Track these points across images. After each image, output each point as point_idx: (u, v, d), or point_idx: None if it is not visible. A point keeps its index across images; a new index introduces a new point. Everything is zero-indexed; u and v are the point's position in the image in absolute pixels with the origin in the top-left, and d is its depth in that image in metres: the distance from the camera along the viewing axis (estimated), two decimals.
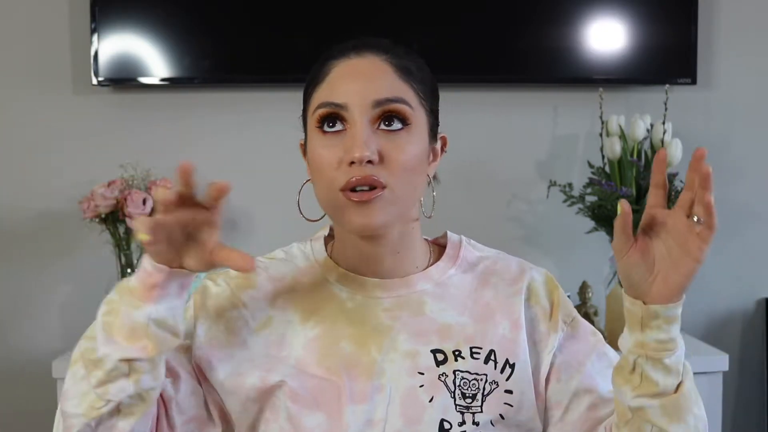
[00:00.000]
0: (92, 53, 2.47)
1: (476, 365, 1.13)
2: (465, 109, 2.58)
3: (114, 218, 2.37)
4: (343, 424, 1.10)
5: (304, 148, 1.19)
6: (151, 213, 2.36)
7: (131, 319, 1.06)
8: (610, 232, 2.44)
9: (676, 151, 2.40)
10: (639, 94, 2.60)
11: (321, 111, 1.11)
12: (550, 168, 2.60)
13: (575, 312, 1.21)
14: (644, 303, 1.03)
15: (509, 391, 1.13)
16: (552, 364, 1.16)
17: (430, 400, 1.11)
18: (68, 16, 2.54)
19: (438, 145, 1.20)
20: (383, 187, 1.08)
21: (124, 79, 2.51)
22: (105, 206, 2.34)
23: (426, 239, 1.24)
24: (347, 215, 1.09)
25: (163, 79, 2.50)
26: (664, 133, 2.40)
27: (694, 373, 1.07)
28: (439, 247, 1.24)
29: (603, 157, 2.45)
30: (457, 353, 1.13)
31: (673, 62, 2.55)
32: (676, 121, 2.45)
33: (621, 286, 2.45)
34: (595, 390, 1.15)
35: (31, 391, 2.55)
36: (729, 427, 2.60)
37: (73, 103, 2.56)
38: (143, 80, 2.50)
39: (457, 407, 1.11)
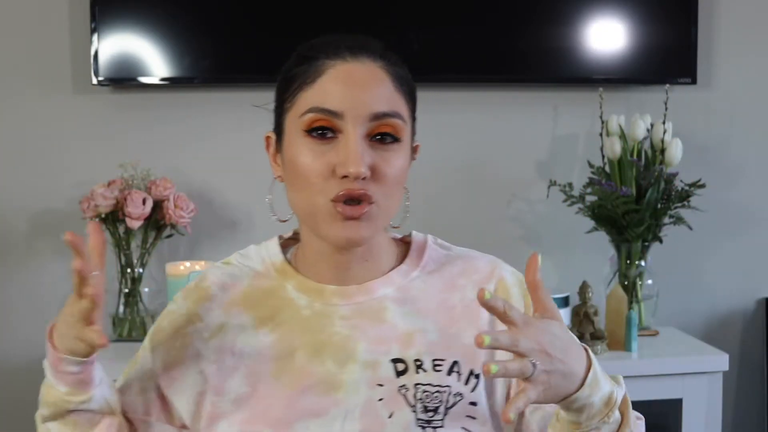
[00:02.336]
0: (92, 53, 2.47)
1: (439, 377, 1.09)
2: (465, 109, 2.58)
3: (114, 218, 2.37)
4: None
5: (272, 143, 1.16)
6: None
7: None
8: (610, 232, 2.44)
9: (676, 151, 2.40)
10: (639, 94, 2.60)
11: (312, 116, 1.07)
12: (550, 168, 2.60)
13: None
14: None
15: (474, 403, 1.09)
16: None
17: (390, 416, 1.06)
18: (68, 16, 2.54)
19: (412, 153, 1.18)
20: (371, 203, 1.06)
21: (124, 78, 2.51)
22: (105, 206, 2.34)
23: (393, 238, 1.21)
24: (332, 227, 1.07)
25: (163, 79, 2.50)
26: (664, 133, 2.40)
27: (694, 373, 1.07)
28: (405, 247, 1.20)
29: (603, 157, 2.45)
30: (418, 364, 1.09)
31: (673, 62, 2.55)
32: (676, 121, 2.45)
33: (621, 286, 2.46)
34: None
35: (30, 391, 2.54)
36: (729, 427, 2.60)
37: (73, 103, 2.56)
38: (143, 80, 2.50)
39: (418, 422, 1.06)
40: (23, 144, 2.57)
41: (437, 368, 1.09)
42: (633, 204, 2.36)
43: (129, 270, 2.41)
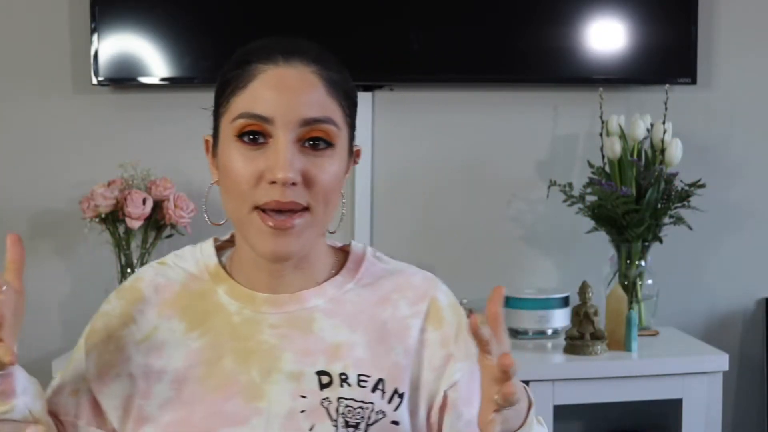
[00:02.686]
0: (92, 53, 2.47)
1: (363, 393, 1.07)
2: (465, 109, 2.58)
3: (114, 218, 2.37)
4: None
5: (210, 147, 1.16)
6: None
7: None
8: (610, 232, 2.44)
9: (676, 151, 2.40)
10: (639, 94, 2.60)
11: (242, 122, 1.06)
12: (550, 168, 2.60)
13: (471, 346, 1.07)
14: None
15: (396, 422, 1.07)
16: (447, 396, 1.09)
17: (311, 428, 1.05)
18: (68, 16, 2.54)
19: (351, 159, 1.15)
20: (304, 210, 1.05)
21: (124, 79, 2.51)
22: (105, 206, 2.34)
23: (332, 246, 1.18)
24: (260, 239, 1.05)
25: (163, 79, 2.50)
26: (664, 133, 2.40)
27: (694, 373, 1.07)
28: (344, 257, 1.17)
29: (603, 157, 2.45)
30: (343, 378, 1.07)
31: (673, 62, 2.55)
32: (676, 121, 2.45)
33: (621, 286, 2.46)
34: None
35: None
36: (729, 427, 2.60)
37: (73, 103, 2.56)
38: (143, 80, 2.50)
39: (334, 425, 1.05)
40: (23, 144, 2.57)
41: (362, 384, 1.08)
42: (633, 204, 2.36)
43: (129, 270, 2.41)
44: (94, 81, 2.48)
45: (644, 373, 2.24)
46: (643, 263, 2.44)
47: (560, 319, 2.39)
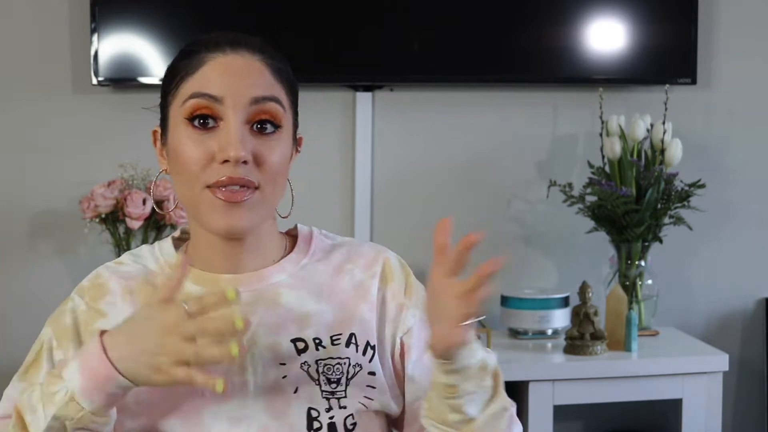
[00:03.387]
0: (92, 53, 2.47)
1: (338, 350, 1.13)
2: (465, 109, 2.58)
3: (114, 218, 2.37)
4: (203, 425, 1.08)
5: (158, 136, 1.17)
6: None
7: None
8: (610, 232, 2.44)
9: (676, 151, 2.40)
10: (639, 94, 2.60)
11: (194, 102, 1.08)
12: (550, 168, 2.60)
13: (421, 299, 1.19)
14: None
15: (372, 373, 1.14)
16: (403, 342, 1.17)
17: (295, 391, 1.10)
18: (68, 16, 2.54)
19: (295, 146, 1.19)
20: (255, 188, 1.08)
21: (124, 79, 2.51)
22: (105, 206, 2.34)
23: (281, 232, 1.22)
24: (213, 215, 1.08)
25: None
26: (664, 133, 2.40)
27: (694, 374, 1.08)
28: (293, 239, 1.22)
29: (603, 157, 2.45)
30: (317, 342, 1.12)
31: (673, 62, 2.55)
32: (676, 121, 2.45)
33: (621, 286, 2.46)
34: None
35: None
36: (729, 427, 2.60)
37: (73, 103, 2.56)
38: (143, 80, 2.50)
39: (323, 393, 1.11)
40: (23, 144, 2.57)
41: (335, 342, 1.13)
42: (633, 204, 2.36)
43: None
44: (94, 81, 2.48)
45: (644, 373, 2.24)
46: (643, 263, 2.44)
47: (560, 319, 2.39)
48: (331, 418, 1.09)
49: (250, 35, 1.15)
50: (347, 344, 1.13)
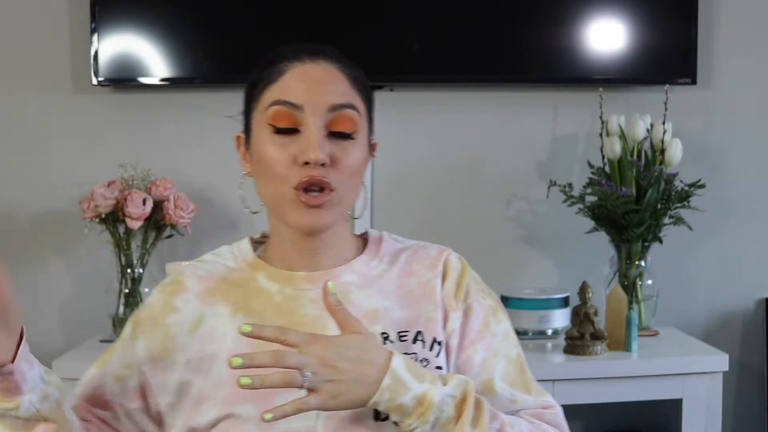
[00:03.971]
0: (92, 53, 2.47)
1: (405, 346, 1.17)
2: (465, 109, 2.58)
3: (114, 218, 2.37)
4: None
5: (241, 141, 1.27)
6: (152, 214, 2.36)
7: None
8: (610, 232, 2.44)
9: (676, 151, 2.40)
10: (639, 94, 2.60)
11: (276, 109, 1.17)
12: (550, 168, 2.60)
13: (473, 299, 1.24)
14: None
15: (439, 368, 1.18)
16: (448, 344, 1.21)
17: None
18: (68, 16, 2.54)
19: (370, 151, 1.25)
20: (332, 190, 1.16)
21: (124, 79, 2.51)
22: (105, 206, 2.34)
23: (354, 235, 1.29)
24: (295, 214, 1.16)
25: (163, 79, 2.50)
26: (664, 133, 2.40)
27: (694, 374, 1.08)
28: (364, 242, 1.29)
29: (603, 157, 2.45)
30: (385, 336, 1.17)
31: (673, 62, 2.55)
32: (676, 121, 2.45)
33: (621, 286, 2.46)
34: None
35: None
36: (729, 427, 2.60)
37: (73, 103, 2.56)
38: (143, 80, 2.50)
39: None
40: (23, 144, 2.57)
41: (402, 339, 1.18)
42: (633, 204, 2.36)
43: (129, 270, 2.41)
44: (94, 81, 2.48)
45: (644, 373, 2.24)
46: (643, 263, 2.44)
47: (560, 319, 2.39)
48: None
49: (327, 46, 1.23)
50: (414, 341, 1.18)
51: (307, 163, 1.14)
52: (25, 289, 2.58)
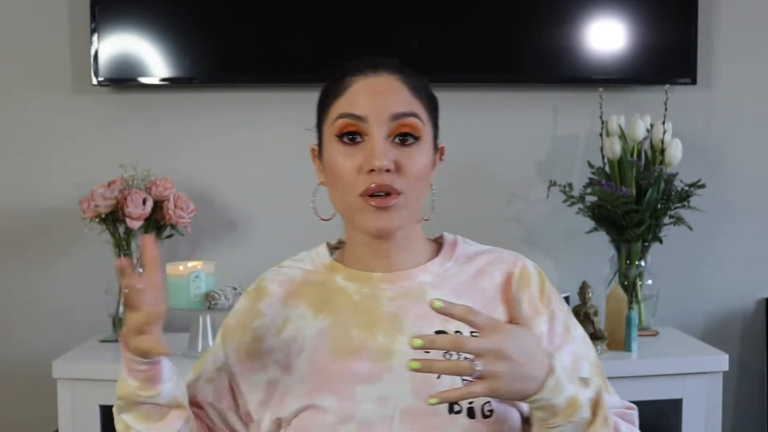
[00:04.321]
0: (92, 53, 2.47)
1: None
2: (465, 109, 2.58)
3: (114, 218, 2.37)
4: (354, 402, 1.19)
5: (315, 153, 1.32)
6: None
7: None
8: (610, 232, 2.44)
9: (676, 151, 2.40)
10: (639, 94, 2.60)
11: (342, 121, 1.23)
12: (550, 168, 2.60)
13: (555, 304, 1.29)
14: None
15: None
16: None
17: (438, 377, 1.18)
18: (68, 16, 2.54)
19: (437, 155, 1.31)
20: (398, 194, 1.21)
21: (124, 79, 2.51)
22: (105, 206, 2.34)
23: (429, 239, 1.34)
24: (365, 219, 1.22)
25: (163, 79, 2.50)
26: (664, 133, 2.40)
27: (694, 374, 1.10)
28: (438, 246, 1.34)
29: (603, 157, 2.45)
30: (458, 333, 1.21)
31: (673, 62, 2.55)
32: (676, 121, 2.45)
33: (621, 286, 2.45)
34: None
35: (31, 391, 2.54)
36: (729, 427, 2.60)
37: (73, 103, 2.56)
38: (143, 80, 2.50)
39: (464, 380, 1.15)
40: (23, 144, 2.57)
41: (475, 335, 1.19)
42: (633, 204, 2.36)
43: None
44: (94, 81, 2.48)
45: (644, 373, 2.24)
46: (643, 263, 2.44)
47: None
48: (470, 403, 1.17)
49: (390, 58, 1.30)
50: None
51: (372, 171, 1.20)
52: (25, 289, 2.58)
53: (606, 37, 2.53)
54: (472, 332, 1.20)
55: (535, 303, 1.27)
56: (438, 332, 1.21)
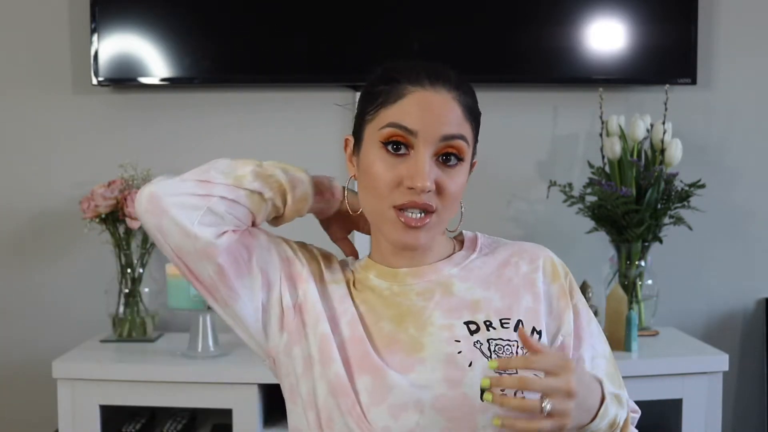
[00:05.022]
0: (92, 53, 2.47)
1: (507, 333, 1.24)
2: None
3: (114, 218, 2.37)
4: (389, 383, 1.20)
5: (350, 145, 1.30)
6: None
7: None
8: (610, 232, 2.44)
9: (676, 151, 2.40)
10: (639, 94, 2.60)
11: (391, 130, 1.22)
12: (550, 168, 2.60)
13: (577, 298, 1.32)
14: None
15: None
16: (564, 342, 1.28)
17: (470, 365, 1.20)
18: (68, 16, 2.54)
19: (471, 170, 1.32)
20: (433, 212, 1.22)
21: (124, 79, 2.51)
22: (105, 206, 2.34)
23: (449, 238, 1.36)
24: (394, 232, 1.23)
25: (163, 79, 2.50)
26: (664, 133, 2.40)
27: (694, 374, 1.11)
28: (460, 243, 1.36)
29: (603, 157, 2.45)
30: (488, 323, 1.24)
31: (673, 62, 2.55)
32: (676, 121, 2.45)
33: (621, 286, 2.45)
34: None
35: (31, 391, 2.55)
36: (729, 427, 2.60)
37: (73, 103, 2.56)
38: (143, 80, 2.50)
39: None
40: (23, 144, 2.57)
41: (505, 326, 1.25)
42: (633, 204, 2.36)
43: (129, 270, 2.41)
44: (94, 81, 2.48)
45: (644, 373, 2.24)
46: (643, 263, 2.44)
47: None
48: (501, 390, 1.15)
49: (448, 68, 1.27)
50: (515, 329, 1.24)
51: (411, 188, 1.20)
52: (25, 289, 2.58)
53: (606, 37, 2.53)
54: (501, 319, 1.24)
55: (565, 299, 1.30)
56: (467, 322, 1.24)
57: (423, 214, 1.21)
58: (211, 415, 2.43)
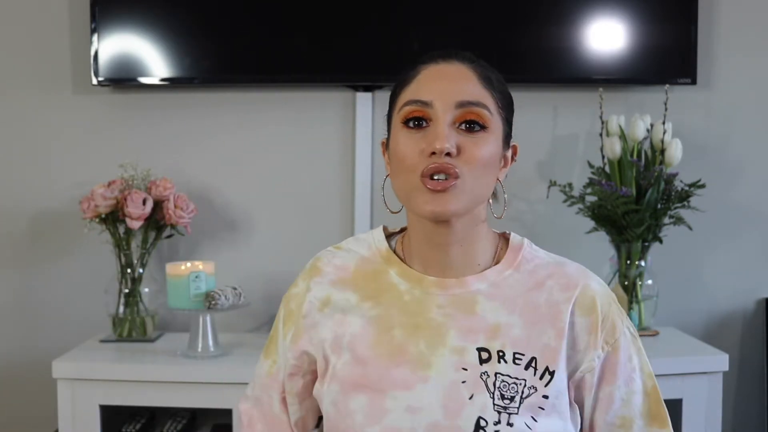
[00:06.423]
0: (92, 53, 2.47)
1: (517, 370, 1.20)
2: None
3: (114, 218, 2.37)
4: (384, 407, 1.19)
5: (385, 146, 1.31)
6: (152, 213, 2.36)
7: None
8: (610, 231, 2.44)
9: (676, 151, 2.40)
10: (639, 94, 2.60)
11: (408, 108, 1.22)
12: (550, 168, 2.60)
13: (620, 334, 1.25)
14: None
15: (545, 396, 1.20)
16: (584, 378, 1.24)
17: (471, 397, 1.18)
18: (68, 16, 2.54)
19: (509, 153, 1.30)
20: (457, 177, 1.18)
21: (124, 79, 2.51)
22: (105, 206, 2.34)
23: (496, 233, 1.33)
24: (421, 201, 1.19)
25: (163, 79, 2.50)
26: (664, 133, 2.40)
27: (694, 374, 1.10)
28: (505, 243, 1.32)
29: (603, 157, 2.45)
30: (501, 354, 1.20)
31: (673, 62, 2.55)
32: (676, 121, 2.45)
33: (621, 286, 2.45)
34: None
35: (31, 391, 2.55)
36: (729, 427, 2.60)
37: (73, 103, 2.56)
38: (143, 80, 2.50)
39: (495, 407, 1.17)
40: (23, 144, 2.57)
41: (517, 362, 1.21)
42: (633, 204, 2.36)
43: (129, 270, 2.41)
44: (94, 81, 2.48)
45: None
46: (643, 263, 2.44)
47: None
48: (496, 423, 1.16)
49: (464, 50, 1.28)
50: (527, 367, 1.20)
51: (433, 153, 1.18)
52: (25, 289, 2.58)
53: (606, 37, 2.53)
54: (515, 353, 1.20)
55: (594, 332, 1.24)
56: (480, 348, 1.20)
57: (447, 178, 1.18)
58: (211, 415, 2.43)
